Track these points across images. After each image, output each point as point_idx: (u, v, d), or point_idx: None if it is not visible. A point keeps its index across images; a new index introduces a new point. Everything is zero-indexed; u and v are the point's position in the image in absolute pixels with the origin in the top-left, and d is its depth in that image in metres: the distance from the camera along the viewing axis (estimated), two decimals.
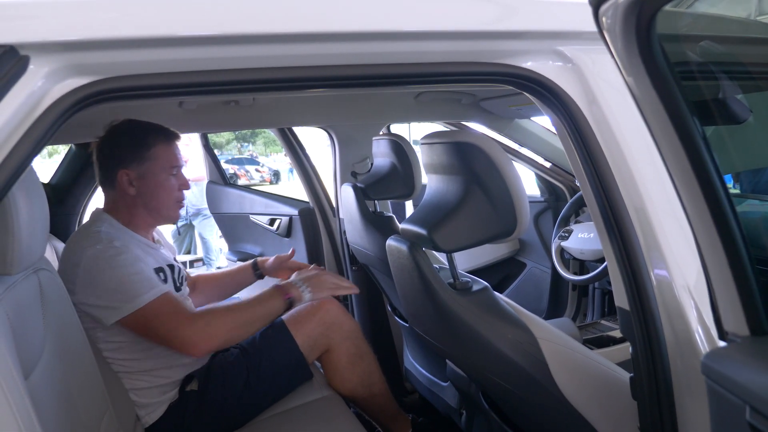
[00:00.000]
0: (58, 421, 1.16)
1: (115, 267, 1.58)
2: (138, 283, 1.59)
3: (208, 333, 1.61)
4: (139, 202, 1.76)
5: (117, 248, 1.62)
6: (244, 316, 1.68)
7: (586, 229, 2.54)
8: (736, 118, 1.39)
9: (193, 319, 1.61)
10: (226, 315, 1.67)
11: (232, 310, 1.69)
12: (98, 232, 1.66)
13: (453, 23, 1.02)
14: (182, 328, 1.59)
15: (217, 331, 1.62)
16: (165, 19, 0.91)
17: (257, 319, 1.71)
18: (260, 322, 1.72)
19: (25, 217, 1.04)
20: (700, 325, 0.96)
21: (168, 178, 1.77)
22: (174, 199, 1.79)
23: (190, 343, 1.59)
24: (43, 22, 0.85)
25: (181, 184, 1.81)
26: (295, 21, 0.96)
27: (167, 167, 1.76)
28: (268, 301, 1.72)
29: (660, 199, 1.01)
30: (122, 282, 1.57)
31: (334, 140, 2.78)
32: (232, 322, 1.66)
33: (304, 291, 1.76)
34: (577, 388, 1.22)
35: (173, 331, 1.59)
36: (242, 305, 1.72)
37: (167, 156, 1.76)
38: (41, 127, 0.86)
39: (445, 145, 1.30)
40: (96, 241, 1.62)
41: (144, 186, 1.74)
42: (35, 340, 1.16)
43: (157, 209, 1.78)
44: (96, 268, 1.57)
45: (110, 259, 1.59)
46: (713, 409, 0.83)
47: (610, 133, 1.04)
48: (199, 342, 1.60)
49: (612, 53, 0.83)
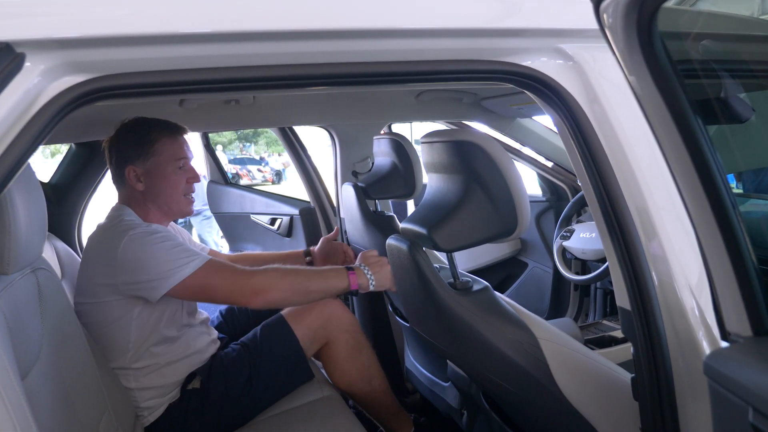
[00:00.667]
0: (55, 421, 1.15)
1: (159, 242, 1.63)
2: (185, 252, 1.64)
3: (269, 285, 1.65)
4: (149, 198, 1.79)
5: (153, 228, 1.68)
6: (305, 282, 1.70)
7: (588, 228, 2.54)
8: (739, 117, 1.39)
9: (251, 273, 1.66)
10: (288, 275, 1.70)
11: (294, 272, 1.71)
12: (130, 221, 1.71)
13: (454, 21, 1.01)
14: (242, 281, 1.64)
15: (277, 286, 1.66)
16: (162, 16, 0.90)
17: (317, 290, 1.72)
18: (319, 294, 1.74)
19: (22, 216, 1.04)
20: (703, 325, 0.96)
21: (174, 171, 1.79)
22: (182, 192, 1.82)
23: (252, 292, 1.64)
24: (39, 20, 0.85)
25: (189, 177, 1.82)
26: (295, 18, 0.95)
27: (172, 161, 1.78)
28: (333, 279, 1.73)
29: (662, 199, 1.00)
30: (170, 253, 1.62)
31: (335, 139, 2.78)
32: (291, 282, 1.69)
33: (371, 280, 1.74)
34: (577, 389, 1.22)
35: (234, 283, 1.64)
36: (305, 272, 1.74)
37: (172, 150, 1.78)
38: (37, 125, 0.86)
39: (446, 144, 1.29)
40: (130, 227, 1.66)
41: (151, 181, 1.77)
42: (33, 340, 1.16)
43: (167, 204, 1.81)
44: (139, 247, 1.61)
45: (151, 236, 1.64)
46: (715, 410, 0.82)
47: (611, 131, 1.04)
48: (260, 291, 1.64)
49: (613, 51, 0.82)
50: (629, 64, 0.79)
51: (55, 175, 2.70)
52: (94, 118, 2.09)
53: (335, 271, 1.74)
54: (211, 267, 1.64)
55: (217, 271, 1.65)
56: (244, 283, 1.64)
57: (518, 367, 1.24)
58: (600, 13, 0.79)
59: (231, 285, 1.64)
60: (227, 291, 1.65)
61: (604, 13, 0.78)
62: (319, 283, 1.71)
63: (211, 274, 1.63)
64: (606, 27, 0.80)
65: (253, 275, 1.65)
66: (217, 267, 1.66)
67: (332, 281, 1.72)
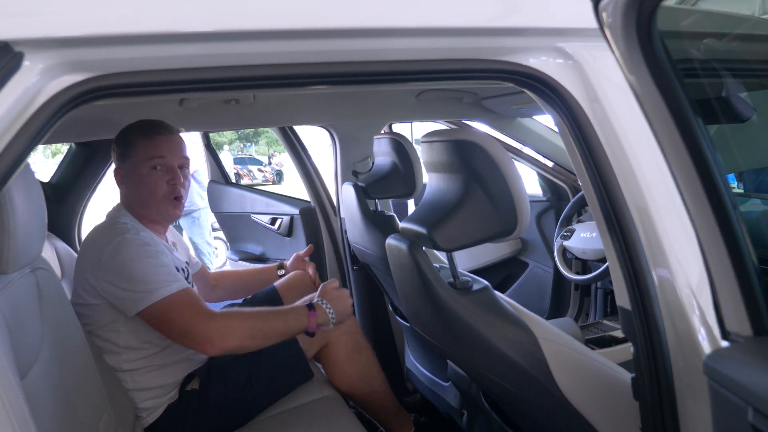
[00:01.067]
0: (55, 420, 1.15)
1: (142, 256, 1.59)
2: (162, 275, 1.59)
3: (225, 334, 1.57)
4: (133, 200, 1.77)
5: (144, 239, 1.65)
6: (264, 327, 1.63)
7: (589, 228, 2.53)
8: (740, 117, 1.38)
9: (212, 317, 1.59)
10: (247, 321, 1.62)
11: (254, 317, 1.65)
12: (125, 224, 1.69)
13: (454, 20, 1.01)
14: (201, 324, 1.56)
15: (234, 334, 1.58)
16: (162, 16, 0.90)
17: (276, 334, 1.66)
18: (278, 338, 1.66)
19: (21, 216, 1.03)
20: (703, 324, 0.95)
21: (149, 172, 1.73)
22: (160, 194, 1.75)
23: (206, 340, 1.56)
24: (38, 19, 0.84)
25: (168, 179, 1.76)
26: (294, 17, 0.95)
27: (146, 160, 1.73)
28: (293, 320, 1.67)
29: (662, 198, 1.00)
30: (147, 272, 1.58)
31: (335, 139, 2.78)
32: (250, 329, 1.61)
33: (331, 316, 1.71)
34: (577, 389, 1.21)
35: (192, 326, 1.57)
36: (266, 315, 1.67)
37: (145, 150, 1.73)
38: (36, 124, 0.85)
39: (446, 144, 1.29)
40: (123, 231, 1.64)
41: (130, 182, 1.76)
42: (32, 339, 1.16)
43: (147, 206, 1.76)
44: (125, 255, 1.58)
45: (137, 248, 1.61)
46: (715, 410, 0.82)
47: (611, 131, 1.03)
48: (215, 340, 1.56)
49: (613, 50, 0.82)
50: (628, 63, 0.79)
51: (55, 174, 2.70)
52: (94, 117, 2.10)
53: (295, 313, 1.68)
54: (179, 298, 1.58)
55: (183, 304, 1.58)
56: (202, 327, 1.56)
57: (518, 366, 1.23)
58: (599, 12, 0.79)
59: (188, 327, 1.57)
60: (182, 331, 1.59)
61: (603, 12, 0.78)
62: (279, 327, 1.65)
63: (176, 307, 1.57)
64: (605, 26, 0.80)
65: (214, 320, 1.58)
66: (186, 301, 1.59)
67: (292, 324, 1.66)
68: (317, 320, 1.67)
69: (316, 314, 1.68)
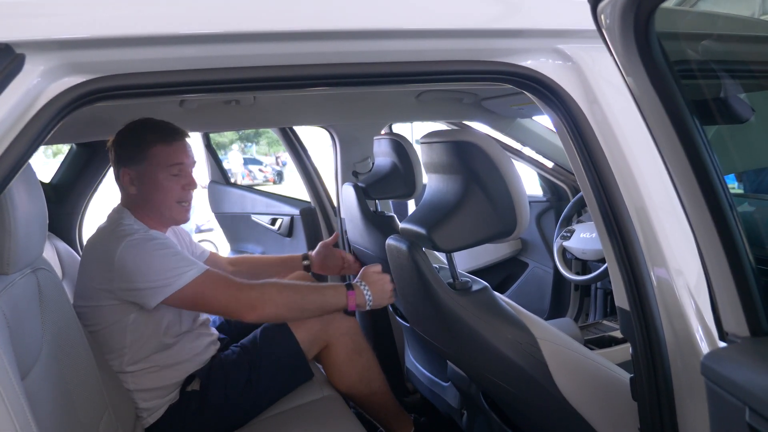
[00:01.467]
0: (55, 421, 1.16)
1: (157, 249, 1.63)
2: (183, 261, 1.64)
3: (264, 300, 1.65)
4: (141, 202, 1.77)
5: (152, 235, 1.68)
6: (301, 299, 1.70)
7: (588, 228, 2.53)
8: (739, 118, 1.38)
9: (249, 287, 1.66)
10: (285, 291, 1.69)
11: (292, 288, 1.72)
12: (129, 225, 1.70)
13: (453, 21, 1.02)
14: (239, 294, 1.63)
15: (272, 301, 1.65)
16: (162, 17, 0.90)
17: (313, 307, 1.72)
18: (315, 312, 1.74)
19: (22, 217, 1.04)
20: (701, 325, 0.96)
21: (167, 177, 1.75)
22: (174, 199, 1.78)
23: (247, 306, 1.63)
24: (39, 21, 0.85)
25: (184, 184, 1.79)
26: (294, 19, 0.95)
27: (165, 167, 1.75)
28: (330, 296, 1.73)
29: (661, 199, 1.00)
30: (168, 261, 1.62)
31: (335, 140, 2.78)
32: (288, 298, 1.68)
33: (368, 299, 1.75)
34: (576, 389, 1.22)
35: (231, 298, 1.63)
36: (302, 287, 1.74)
37: (165, 155, 1.75)
38: (37, 125, 0.86)
39: (445, 144, 1.29)
40: (129, 232, 1.65)
41: (143, 185, 1.76)
42: (33, 340, 1.16)
43: (159, 210, 1.78)
44: (137, 254, 1.60)
45: (149, 243, 1.63)
46: (713, 410, 0.82)
47: (610, 132, 1.04)
48: (257, 306, 1.63)
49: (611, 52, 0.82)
50: (626, 65, 0.79)
51: (56, 175, 2.71)
52: (95, 118, 2.10)
53: (334, 289, 1.74)
54: (207, 277, 1.64)
55: (213, 282, 1.64)
56: (239, 296, 1.63)
57: (517, 367, 1.24)
58: (597, 13, 0.79)
59: (227, 298, 1.63)
60: (222, 304, 1.64)
61: (601, 14, 0.78)
62: (316, 301, 1.71)
63: (208, 284, 1.63)
64: (603, 28, 0.80)
65: (249, 289, 1.65)
66: (214, 278, 1.65)
67: (330, 300, 1.72)
68: (356, 300, 1.72)
69: (354, 293, 1.73)
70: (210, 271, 1.66)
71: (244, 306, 1.63)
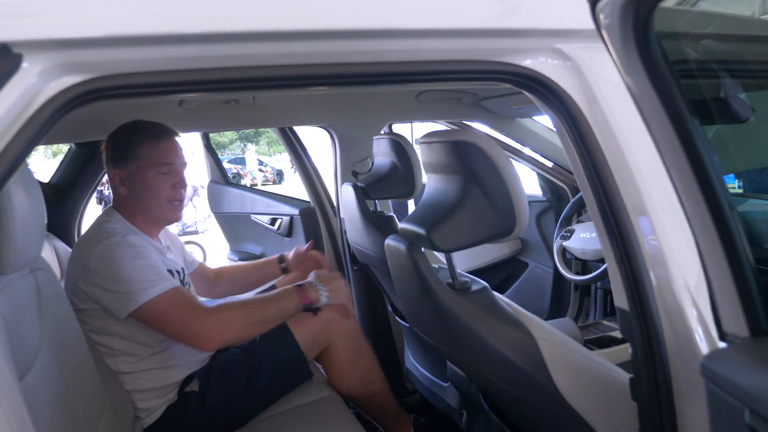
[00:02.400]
0: (53, 421, 1.15)
1: (131, 256, 1.60)
2: (153, 274, 1.60)
3: (222, 327, 1.60)
4: (132, 202, 1.76)
5: (131, 241, 1.65)
6: (258, 313, 1.68)
7: (588, 228, 2.53)
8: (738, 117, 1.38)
9: (207, 313, 1.61)
10: (241, 311, 1.66)
11: (247, 306, 1.69)
12: (112, 228, 1.69)
13: (452, 21, 1.01)
14: (197, 321, 1.59)
15: (230, 326, 1.62)
16: (161, 16, 0.90)
17: (272, 317, 1.71)
18: (274, 321, 1.72)
19: (19, 217, 1.03)
20: (700, 325, 0.95)
21: (156, 176, 1.74)
22: (165, 198, 1.76)
23: (203, 337, 1.59)
24: (37, 20, 0.85)
25: (174, 182, 1.77)
26: (294, 18, 0.95)
27: (153, 165, 1.74)
28: (285, 301, 1.73)
29: (660, 199, 1.00)
30: (137, 271, 1.59)
31: (334, 139, 2.78)
32: (245, 318, 1.65)
33: (322, 294, 1.76)
34: (576, 390, 1.21)
35: (188, 323, 1.59)
36: (258, 302, 1.72)
37: (154, 154, 1.74)
38: (35, 125, 0.86)
39: (444, 144, 1.29)
40: (110, 235, 1.64)
41: (133, 185, 1.75)
42: (31, 340, 1.16)
43: (149, 209, 1.77)
44: (112, 258, 1.59)
45: (125, 249, 1.61)
46: (712, 411, 0.82)
47: (609, 132, 1.03)
48: (213, 336, 1.59)
49: (610, 51, 0.82)
50: (625, 64, 0.79)
51: (55, 175, 2.71)
52: (93, 118, 2.10)
53: (285, 293, 1.74)
54: (173, 296, 1.60)
55: (176, 302, 1.60)
56: (198, 325, 1.58)
57: (517, 367, 1.23)
58: (596, 13, 0.79)
59: (184, 324, 1.59)
60: (179, 329, 1.60)
61: (600, 14, 0.78)
62: (272, 309, 1.70)
63: (171, 304, 1.59)
64: (602, 27, 0.79)
65: (209, 315, 1.60)
66: (178, 299, 1.61)
67: (285, 305, 1.72)
68: (308, 295, 1.73)
69: (305, 289, 1.74)
70: (178, 290, 1.62)
71: (200, 337, 1.59)
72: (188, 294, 1.66)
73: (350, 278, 2.81)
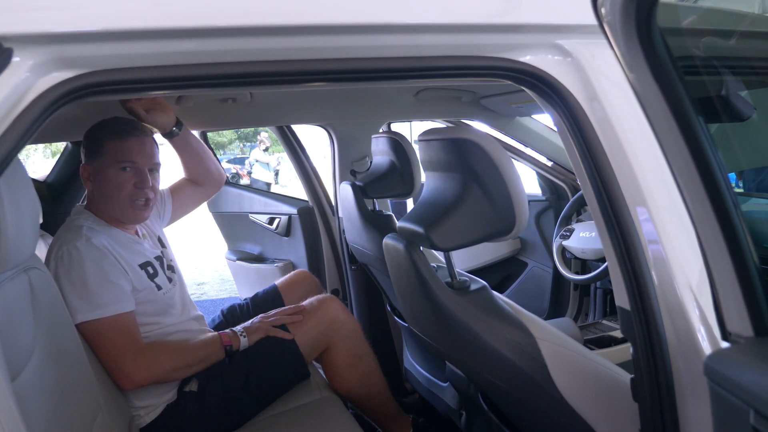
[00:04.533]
0: (47, 422, 1.14)
1: (91, 267, 1.58)
2: (106, 294, 1.59)
3: (150, 371, 1.64)
4: (98, 198, 1.75)
5: (97, 248, 1.62)
6: (187, 359, 1.73)
7: (588, 228, 2.52)
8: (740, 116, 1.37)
9: (140, 353, 1.62)
10: (172, 356, 1.70)
11: (179, 351, 1.73)
12: (81, 227, 1.67)
13: (451, 16, 1.00)
14: (127, 358, 1.60)
15: (158, 370, 1.65)
16: (155, 11, 0.88)
17: (198, 363, 1.75)
18: (199, 366, 1.76)
19: (11, 215, 1.02)
20: (703, 325, 0.94)
21: (117, 174, 1.72)
22: (127, 197, 1.73)
23: (128, 375, 1.61)
24: (28, 14, 0.83)
25: (137, 181, 1.74)
26: (290, 13, 0.94)
27: (115, 163, 1.71)
28: (210, 347, 1.78)
29: (662, 197, 0.99)
30: (93, 286, 1.57)
31: (333, 138, 2.77)
32: (174, 363, 1.70)
33: (242, 337, 1.83)
34: (576, 390, 1.20)
35: (118, 357, 1.59)
36: (188, 348, 1.75)
37: (116, 152, 1.72)
38: (25, 121, 0.84)
39: (443, 142, 1.28)
40: (77, 237, 1.62)
41: (97, 182, 1.74)
42: (24, 340, 1.14)
43: (111, 207, 1.75)
44: (71, 262, 1.57)
45: (87, 255, 1.59)
46: (716, 412, 0.81)
47: (611, 129, 1.02)
48: (138, 377, 1.62)
49: (612, 47, 0.81)
50: (628, 60, 0.78)
51: (51, 174, 2.70)
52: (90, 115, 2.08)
53: (210, 340, 1.81)
54: (110, 324, 1.58)
55: (113, 331, 1.58)
56: (126, 362, 1.59)
57: (516, 367, 1.22)
58: (598, 8, 0.78)
59: (114, 357, 1.59)
60: (109, 359, 1.59)
61: (602, 8, 0.77)
62: (199, 355, 1.76)
63: (106, 332, 1.58)
64: (604, 22, 0.78)
65: (143, 354, 1.62)
66: (117, 329, 1.59)
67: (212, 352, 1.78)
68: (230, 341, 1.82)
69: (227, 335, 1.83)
70: (120, 319, 1.60)
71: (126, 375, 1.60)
72: (129, 325, 1.63)
73: (349, 278, 2.80)
